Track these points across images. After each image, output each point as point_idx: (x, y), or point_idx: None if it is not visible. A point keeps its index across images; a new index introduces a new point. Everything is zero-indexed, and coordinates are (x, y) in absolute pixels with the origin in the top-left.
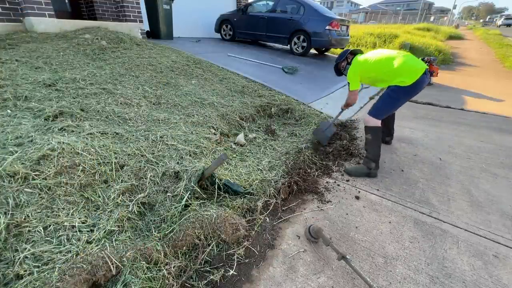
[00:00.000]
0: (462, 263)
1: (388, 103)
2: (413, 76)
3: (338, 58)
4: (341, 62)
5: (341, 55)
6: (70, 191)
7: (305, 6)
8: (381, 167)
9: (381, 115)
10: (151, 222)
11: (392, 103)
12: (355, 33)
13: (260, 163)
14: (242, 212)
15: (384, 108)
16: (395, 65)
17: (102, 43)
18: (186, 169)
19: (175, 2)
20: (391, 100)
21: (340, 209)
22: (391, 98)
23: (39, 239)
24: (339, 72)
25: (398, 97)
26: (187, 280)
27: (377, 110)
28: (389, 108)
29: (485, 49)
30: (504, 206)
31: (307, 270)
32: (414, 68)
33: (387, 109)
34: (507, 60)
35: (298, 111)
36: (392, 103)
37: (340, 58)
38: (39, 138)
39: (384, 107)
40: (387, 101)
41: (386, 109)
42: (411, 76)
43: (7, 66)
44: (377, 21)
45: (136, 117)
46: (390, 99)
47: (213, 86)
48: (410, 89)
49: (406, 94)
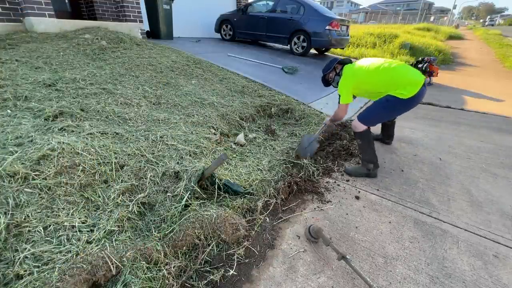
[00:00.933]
0: (462, 263)
1: (381, 113)
2: (413, 89)
3: (325, 69)
4: (328, 73)
5: (328, 66)
6: (70, 191)
7: (305, 6)
8: (381, 167)
9: (371, 123)
10: (151, 222)
11: (385, 113)
12: (355, 33)
13: (260, 163)
14: (242, 212)
15: (376, 117)
16: (394, 77)
17: (102, 43)
18: (186, 169)
19: (175, 2)
20: (385, 110)
21: (340, 209)
22: (386, 108)
23: (39, 239)
24: (326, 83)
25: (394, 108)
26: (187, 280)
27: (368, 117)
28: (381, 118)
29: (485, 49)
30: (504, 206)
31: (307, 270)
32: (414, 80)
33: (379, 118)
34: (507, 60)
35: (298, 111)
36: (386, 113)
37: (327, 69)
38: (39, 138)
39: (376, 115)
40: (381, 110)
41: (378, 118)
42: (411, 89)
43: (7, 66)
44: (377, 21)
45: (136, 117)
46: (384, 109)
47: (213, 86)
48: (408, 102)
49: (404, 107)
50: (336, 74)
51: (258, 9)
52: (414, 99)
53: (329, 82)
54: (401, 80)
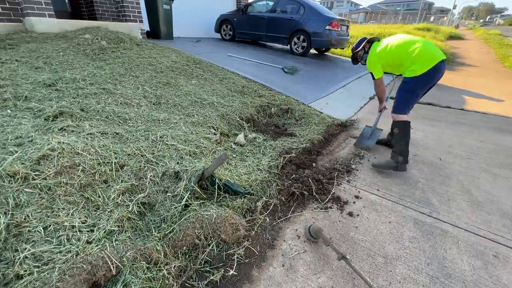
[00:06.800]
0: (462, 263)
1: (404, 95)
2: (427, 64)
3: (355, 47)
4: (358, 51)
5: (357, 44)
6: (70, 191)
7: (305, 6)
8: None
9: (404, 108)
10: (151, 222)
11: (408, 94)
12: (355, 33)
13: (260, 163)
14: (242, 212)
15: (403, 102)
16: (413, 48)
17: (102, 43)
18: (186, 169)
19: (175, 2)
20: (407, 92)
21: (340, 209)
22: (407, 90)
23: (39, 239)
24: (355, 60)
25: (414, 87)
26: (187, 280)
27: (398, 105)
28: (408, 100)
29: (485, 49)
30: (504, 206)
31: (307, 270)
32: (431, 55)
33: (407, 101)
34: (507, 60)
35: (298, 111)
36: (409, 94)
37: (357, 47)
38: (39, 138)
39: (403, 100)
40: (404, 93)
41: (405, 101)
42: (426, 64)
43: (7, 66)
44: (377, 21)
45: (136, 117)
46: (406, 92)
47: (213, 86)
48: (423, 78)
49: (422, 83)
50: (365, 52)
51: (258, 9)
52: (429, 75)
53: (358, 60)
54: (419, 54)
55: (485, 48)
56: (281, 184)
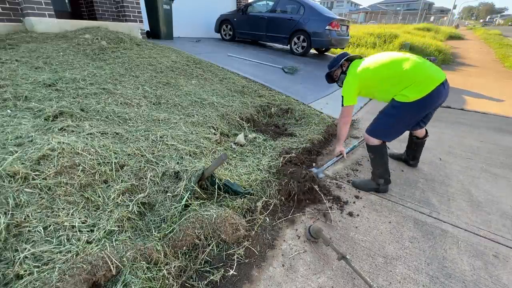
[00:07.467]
0: (462, 263)
1: (387, 122)
2: (423, 89)
3: (331, 65)
4: (334, 70)
5: (334, 62)
6: (70, 191)
7: (305, 6)
8: None
9: (381, 135)
10: (151, 222)
11: (393, 122)
12: (355, 33)
13: (260, 163)
14: (242, 212)
15: (384, 127)
16: (404, 69)
17: (102, 43)
18: (186, 169)
19: (175, 2)
20: (390, 118)
21: (340, 209)
22: (391, 116)
23: (39, 239)
24: (331, 79)
25: (403, 115)
26: (187, 280)
27: (376, 129)
28: (392, 127)
29: (485, 49)
30: (504, 206)
31: (307, 270)
32: (429, 78)
33: (389, 128)
34: (507, 60)
35: (298, 111)
36: (394, 122)
37: (333, 66)
38: (39, 138)
39: (383, 126)
40: (388, 119)
41: (387, 128)
42: (421, 89)
43: (7, 66)
44: (377, 21)
45: (136, 117)
46: (389, 118)
47: (213, 86)
48: (417, 105)
49: (414, 111)
50: (342, 72)
51: (258, 9)
52: (425, 102)
53: (335, 80)
54: (410, 78)
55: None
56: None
